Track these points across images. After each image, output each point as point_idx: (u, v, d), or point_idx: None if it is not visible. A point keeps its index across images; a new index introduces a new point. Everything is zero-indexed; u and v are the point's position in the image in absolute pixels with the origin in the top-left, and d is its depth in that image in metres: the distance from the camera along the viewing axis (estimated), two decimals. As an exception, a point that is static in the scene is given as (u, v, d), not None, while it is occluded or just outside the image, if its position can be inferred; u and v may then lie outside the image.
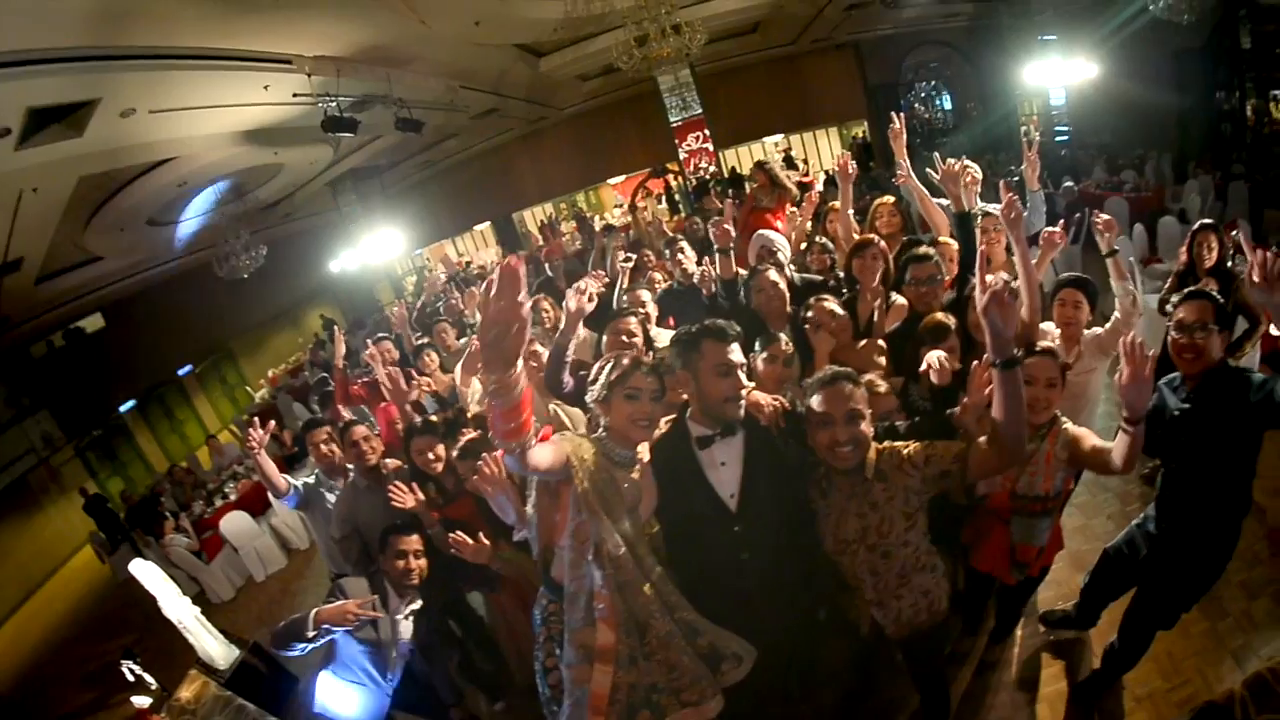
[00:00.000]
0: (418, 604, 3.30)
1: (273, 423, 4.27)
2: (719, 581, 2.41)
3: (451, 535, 3.10)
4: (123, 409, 12.64)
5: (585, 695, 2.17)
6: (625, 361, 2.31)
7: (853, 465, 2.28)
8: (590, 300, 3.40)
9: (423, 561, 3.19)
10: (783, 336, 3.19)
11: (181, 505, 9.01)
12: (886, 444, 2.33)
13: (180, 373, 13.97)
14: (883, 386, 2.83)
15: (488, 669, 4.35)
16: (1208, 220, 4.45)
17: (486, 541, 3.09)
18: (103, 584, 9.55)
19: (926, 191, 4.40)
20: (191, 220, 10.75)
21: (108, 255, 9.78)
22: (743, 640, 2.34)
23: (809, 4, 12.22)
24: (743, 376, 2.31)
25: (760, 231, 4.71)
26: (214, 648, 4.84)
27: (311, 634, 2.92)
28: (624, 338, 3.54)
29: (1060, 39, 11.31)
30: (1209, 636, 3.48)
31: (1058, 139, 14.45)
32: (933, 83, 17.36)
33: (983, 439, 2.13)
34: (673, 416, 2.47)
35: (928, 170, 3.88)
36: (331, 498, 4.12)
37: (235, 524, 7.39)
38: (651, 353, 3.41)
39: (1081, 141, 13.94)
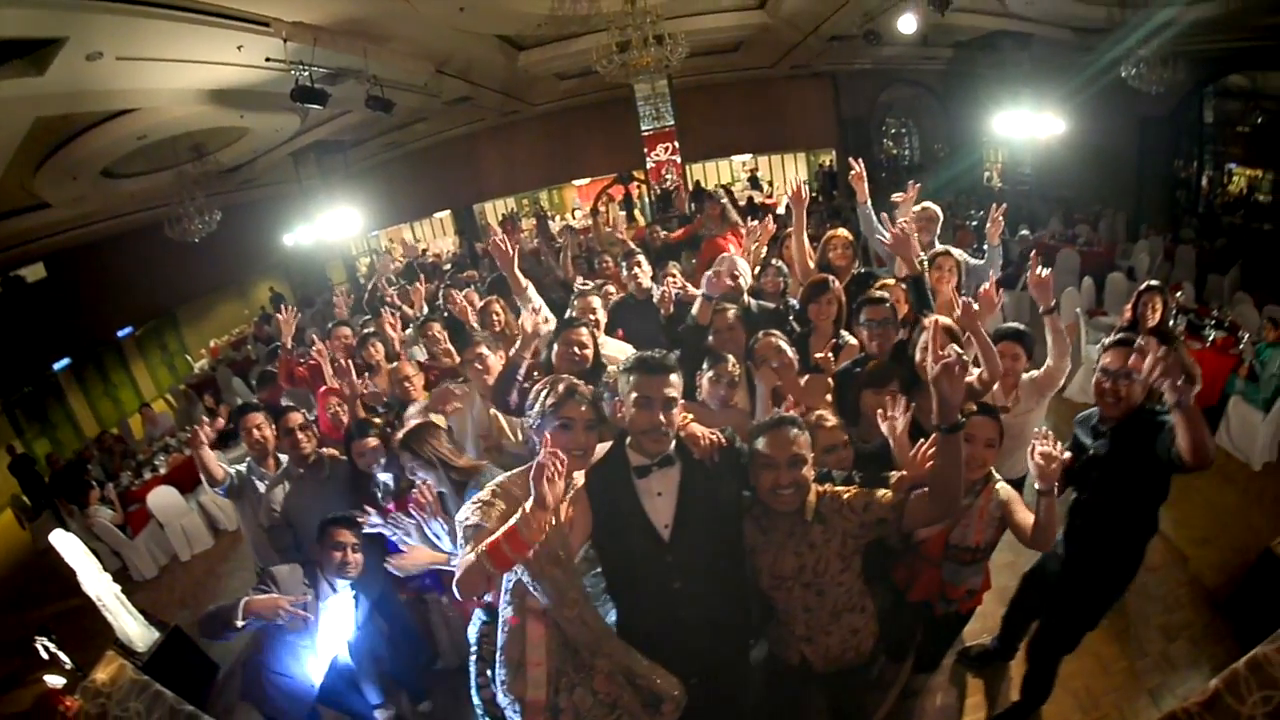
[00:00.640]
0: (350, 597, 3.25)
1: (220, 420, 4.11)
2: (652, 611, 2.41)
3: (388, 560, 3.03)
4: (57, 366, 12.07)
5: None
6: (560, 389, 2.30)
7: (793, 508, 2.33)
8: (546, 321, 3.41)
9: (359, 555, 3.15)
10: (730, 358, 3.26)
11: (109, 475, 8.67)
12: (827, 487, 2.39)
13: (120, 334, 13.36)
14: (831, 420, 2.88)
15: (414, 669, 4.29)
16: (1154, 282, 4.60)
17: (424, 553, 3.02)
18: (21, 550, 9.11)
19: (886, 236, 4.41)
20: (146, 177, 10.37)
21: (57, 203, 9.34)
22: (670, 676, 2.33)
23: (794, 30, 12.33)
24: (673, 413, 2.27)
25: (726, 255, 4.75)
26: (133, 628, 4.67)
27: (240, 623, 2.88)
28: (575, 349, 3.54)
29: (1032, 91, 11.62)
30: (1128, 675, 3.65)
31: (1020, 187, 14.89)
32: (904, 121, 17.73)
33: (920, 492, 2.20)
34: (611, 443, 2.44)
35: (893, 200, 4.03)
36: (262, 486, 4.00)
37: (163, 499, 7.14)
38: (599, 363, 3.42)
39: (1042, 192, 14.32)
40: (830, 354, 3.58)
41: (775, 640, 2.63)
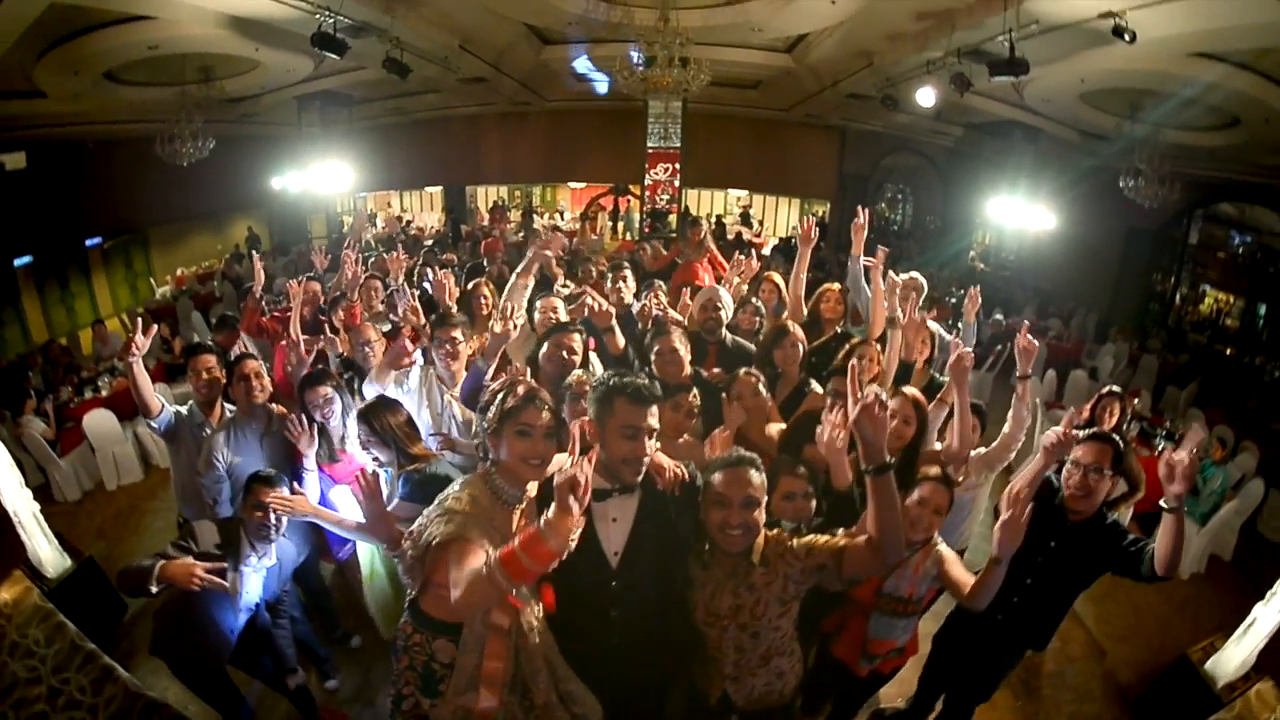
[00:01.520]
0: (271, 560, 3.19)
1: (156, 327, 3.88)
2: (585, 634, 2.39)
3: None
4: (17, 263, 11.58)
5: None
6: (520, 392, 2.20)
7: (739, 550, 2.31)
8: (515, 329, 3.42)
9: (283, 520, 3.09)
10: (694, 390, 3.28)
11: (49, 386, 8.38)
12: (776, 532, 2.38)
13: (88, 243, 12.98)
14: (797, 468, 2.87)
15: (327, 643, 4.25)
16: (1116, 389, 4.72)
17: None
18: (-64, 442, 8.75)
19: (881, 292, 4.54)
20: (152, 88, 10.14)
21: (53, 95, 9.04)
22: (593, 698, 2.32)
23: (814, 80, 12.52)
24: (650, 443, 2.23)
25: (712, 286, 4.86)
26: (46, 551, 4.52)
27: (154, 589, 2.83)
28: (564, 352, 3.53)
29: (1030, 183, 11.93)
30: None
31: (1001, 272, 15.25)
32: (901, 187, 18.03)
33: (861, 538, 2.17)
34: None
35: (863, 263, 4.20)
36: (204, 431, 3.87)
37: (100, 422, 6.92)
38: (586, 373, 3.37)
39: (1021, 280, 14.69)
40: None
41: (700, 674, 2.60)
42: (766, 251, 14.47)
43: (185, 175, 11.28)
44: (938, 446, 3.43)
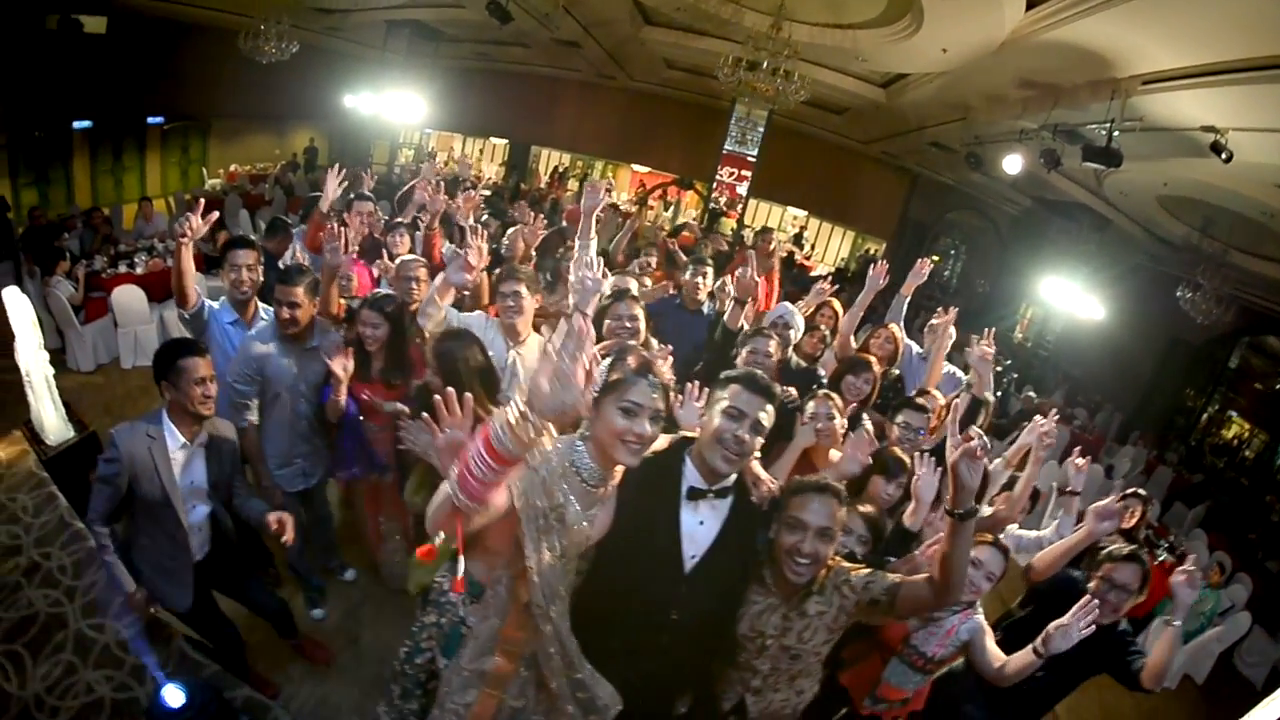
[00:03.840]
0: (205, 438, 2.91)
1: (215, 213, 3.63)
2: (633, 631, 2.24)
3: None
4: (77, 125, 11.58)
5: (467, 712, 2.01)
6: (632, 364, 1.93)
7: (801, 581, 2.20)
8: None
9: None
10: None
11: (85, 253, 8.34)
12: (837, 560, 2.31)
13: (150, 120, 12.98)
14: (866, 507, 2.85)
15: (320, 570, 4.15)
16: (1142, 491, 4.64)
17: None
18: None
19: (947, 348, 4.53)
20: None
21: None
22: (612, 689, 2.15)
23: (901, 121, 12.37)
24: (756, 440, 2.08)
25: (785, 304, 4.95)
26: (51, 417, 4.40)
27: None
28: (626, 321, 3.43)
29: (1088, 271, 11.75)
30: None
31: (1039, 351, 15.05)
32: (958, 244, 17.79)
33: (920, 577, 2.13)
34: (666, 447, 2.18)
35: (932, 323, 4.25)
36: (235, 334, 3.67)
37: (128, 298, 6.91)
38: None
39: (1055, 363, 14.54)
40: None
41: (720, 680, 2.50)
42: (815, 273, 14.38)
43: (260, 74, 11.28)
44: (986, 511, 3.33)
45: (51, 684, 2.87)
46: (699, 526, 2.17)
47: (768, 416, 2.09)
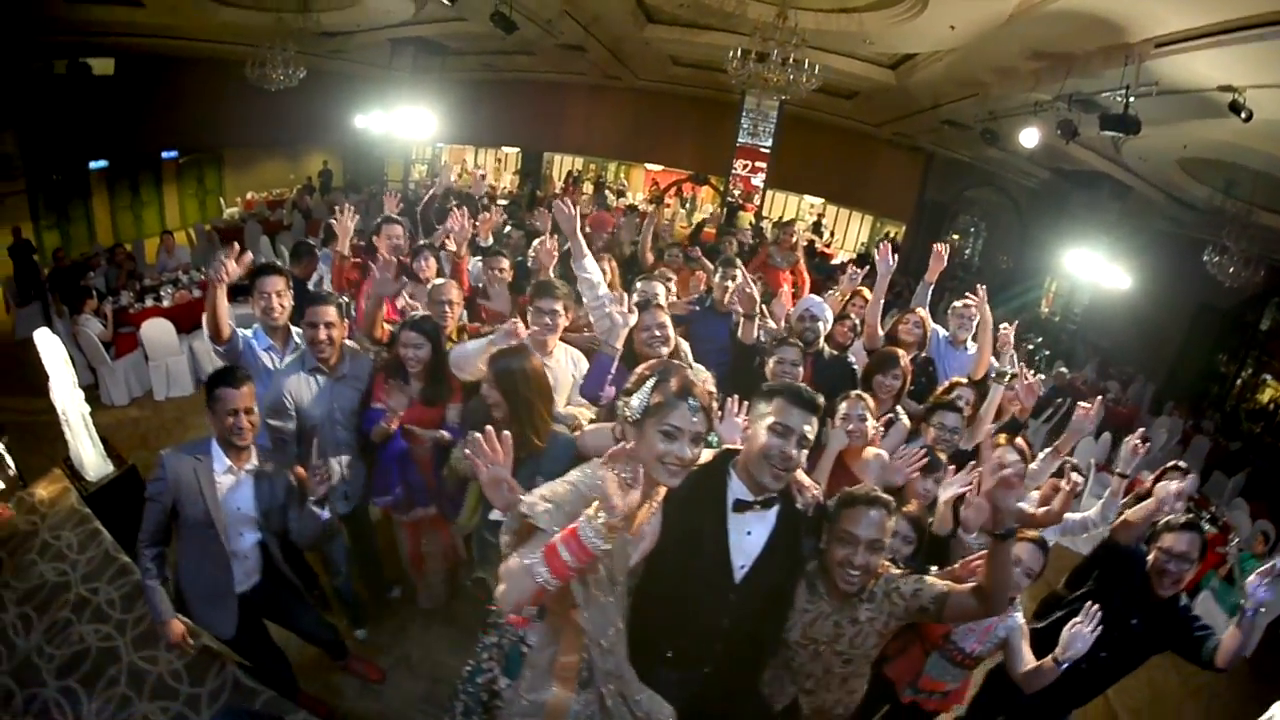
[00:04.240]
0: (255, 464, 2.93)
1: (249, 255, 3.60)
2: (686, 639, 2.28)
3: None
4: (93, 165, 11.83)
5: None
6: (673, 387, 1.90)
7: (852, 591, 2.25)
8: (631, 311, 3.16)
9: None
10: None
11: (110, 289, 8.48)
12: (885, 566, 2.35)
13: (165, 155, 13.20)
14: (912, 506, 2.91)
15: (364, 592, 4.14)
16: (1183, 464, 4.44)
17: None
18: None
19: (990, 337, 4.50)
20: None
21: (150, 5, 9.18)
22: (670, 709, 2.17)
23: (912, 100, 12.23)
24: (801, 455, 2.08)
25: (811, 296, 4.88)
26: (89, 454, 4.45)
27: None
28: (655, 331, 3.39)
29: (1111, 241, 11.56)
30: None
31: (1068, 324, 14.84)
32: (978, 221, 17.56)
33: (967, 587, 2.19)
34: (710, 461, 2.19)
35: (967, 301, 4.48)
36: (266, 359, 3.65)
37: (158, 331, 6.99)
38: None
39: (1084, 335, 14.35)
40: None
41: (772, 679, 2.54)
42: (836, 261, 14.26)
43: (268, 101, 11.39)
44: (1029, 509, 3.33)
45: (108, 718, 2.90)
46: (747, 537, 2.20)
47: (812, 429, 2.10)
